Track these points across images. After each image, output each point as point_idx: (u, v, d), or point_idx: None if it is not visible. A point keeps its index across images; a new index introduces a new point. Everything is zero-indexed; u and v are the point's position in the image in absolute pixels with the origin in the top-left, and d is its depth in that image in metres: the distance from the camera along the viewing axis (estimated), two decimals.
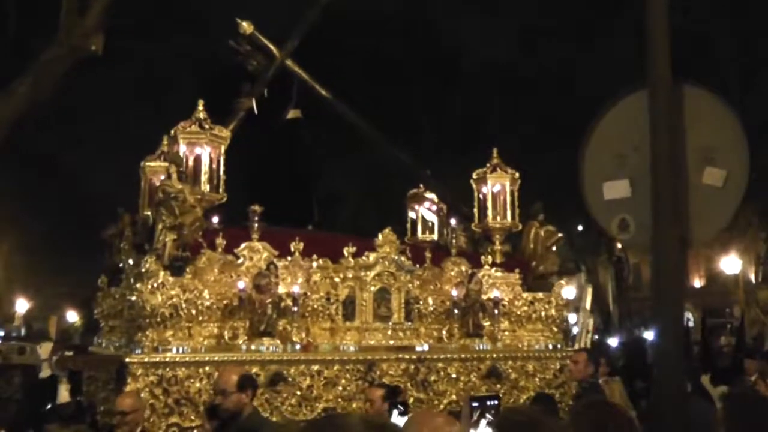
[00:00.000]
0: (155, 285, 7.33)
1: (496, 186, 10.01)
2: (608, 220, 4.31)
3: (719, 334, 25.82)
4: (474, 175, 10.13)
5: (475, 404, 4.99)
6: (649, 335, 23.90)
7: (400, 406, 6.63)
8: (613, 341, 24.18)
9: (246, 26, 9.84)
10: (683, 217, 4.14)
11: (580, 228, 27.16)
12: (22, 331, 35.76)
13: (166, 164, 8.15)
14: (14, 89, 10.72)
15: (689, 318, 33.97)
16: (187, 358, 7.36)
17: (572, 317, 16.68)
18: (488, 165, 10.06)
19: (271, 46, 9.97)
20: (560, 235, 9.73)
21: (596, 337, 23.05)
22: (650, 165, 4.10)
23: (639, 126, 4.15)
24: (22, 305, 36.59)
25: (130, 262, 8.23)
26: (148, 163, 9.35)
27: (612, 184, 4.29)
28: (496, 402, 5.32)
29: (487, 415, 4.98)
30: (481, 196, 10.12)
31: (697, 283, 39.47)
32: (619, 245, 26.82)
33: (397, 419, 6.37)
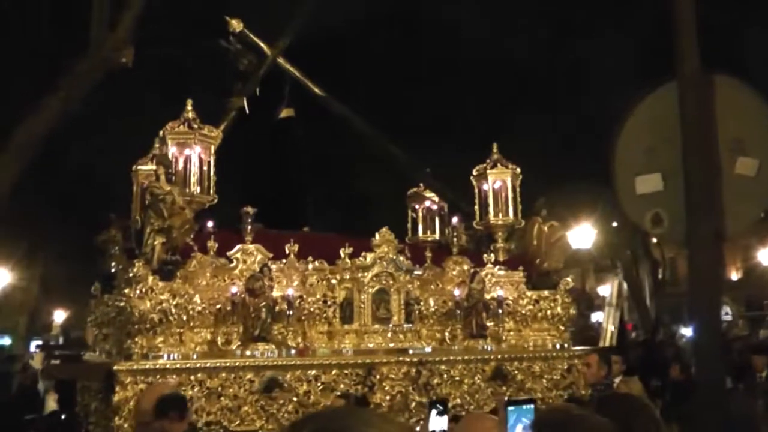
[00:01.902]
0: (144, 290, 7.10)
1: (497, 182, 9.74)
2: (641, 215, 4.35)
3: (759, 328, 25.34)
4: (474, 172, 9.87)
5: (511, 408, 4.75)
6: (687, 331, 23.52)
7: (439, 405, 6.39)
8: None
9: (235, 24, 9.62)
10: (717, 209, 4.11)
11: (615, 224, 26.73)
12: (60, 340, 35.93)
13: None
14: (46, 103, 10.74)
15: (727, 312, 33.60)
16: (178, 365, 7.11)
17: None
18: (488, 161, 9.79)
19: (262, 44, 9.76)
20: (563, 232, 9.43)
21: (634, 334, 22.65)
22: (682, 157, 4.07)
23: (669, 119, 4.14)
24: (59, 315, 36.76)
25: (121, 267, 7.99)
26: (140, 167, 9.11)
27: (644, 179, 4.30)
28: (532, 406, 5.06)
29: (524, 420, 4.74)
30: (482, 193, 9.85)
31: (735, 275, 38.79)
32: (654, 240, 26.38)
33: (436, 419, 6.16)
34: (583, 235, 22.87)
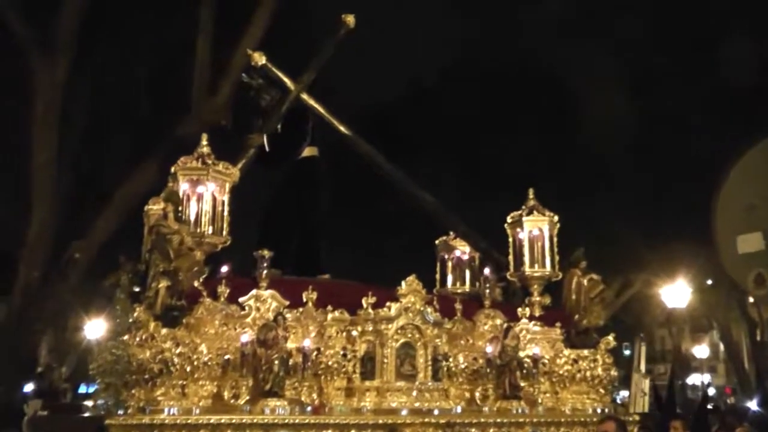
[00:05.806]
0: (144, 337, 6.52)
1: (533, 230, 9.07)
2: (744, 275, 3.91)
3: None
4: (508, 219, 9.20)
5: None
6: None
7: None
8: (752, 404, 22.51)
9: (257, 57, 9.16)
10: None
11: (709, 282, 25.48)
12: None
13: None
14: (148, 165, 10.80)
15: None
16: (178, 421, 6.48)
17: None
18: (524, 207, 9.12)
19: (285, 79, 9.26)
20: (603, 286, 8.72)
21: (732, 399, 21.45)
22: None
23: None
24: None
25: (123, 312, 7.42)
26: (151, 207, 8.58)
27: (745, 238, 3.87)
28: None
29: None
30: (516, 242, 9.17)
31: None
32: (751, 299, 25.21)
33: None
34: (678, 293, 21.95)
